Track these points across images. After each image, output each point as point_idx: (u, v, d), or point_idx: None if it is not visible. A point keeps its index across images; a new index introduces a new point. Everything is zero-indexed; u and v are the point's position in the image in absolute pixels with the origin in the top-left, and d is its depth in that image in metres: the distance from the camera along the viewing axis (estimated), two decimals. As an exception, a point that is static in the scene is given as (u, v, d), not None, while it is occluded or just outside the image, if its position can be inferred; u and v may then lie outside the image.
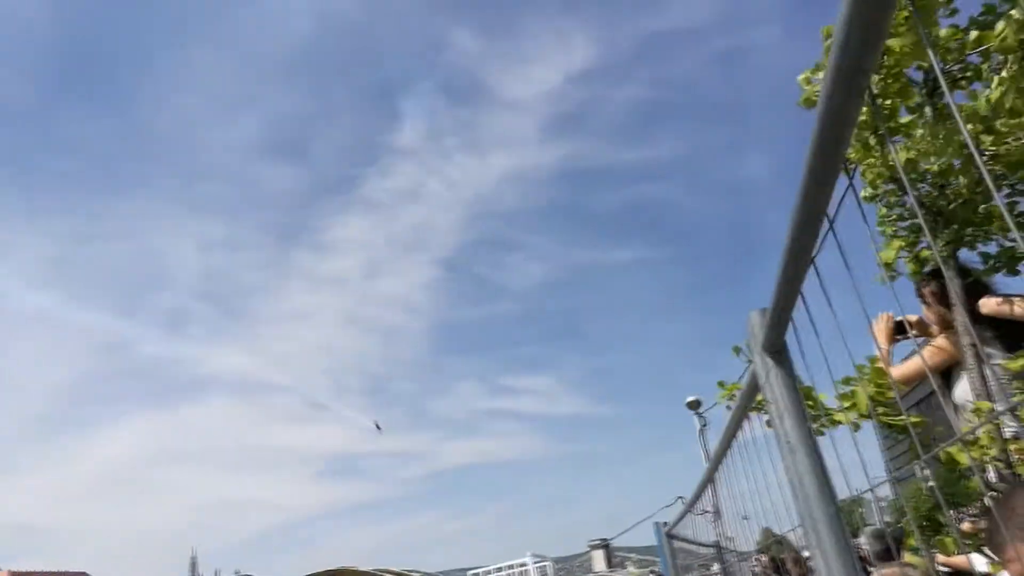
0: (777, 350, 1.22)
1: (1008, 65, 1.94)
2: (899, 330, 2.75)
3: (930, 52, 2.07)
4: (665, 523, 4.15)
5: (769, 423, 1.41)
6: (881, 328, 2.75)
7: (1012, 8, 1.99)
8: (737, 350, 2.48)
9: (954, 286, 2.29)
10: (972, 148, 2.12)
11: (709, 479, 2.53)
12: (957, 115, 0.65)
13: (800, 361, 1.26)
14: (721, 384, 2.37)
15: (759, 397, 1.43)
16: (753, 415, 1.99)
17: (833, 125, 0.64)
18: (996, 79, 1.97)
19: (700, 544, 5.69)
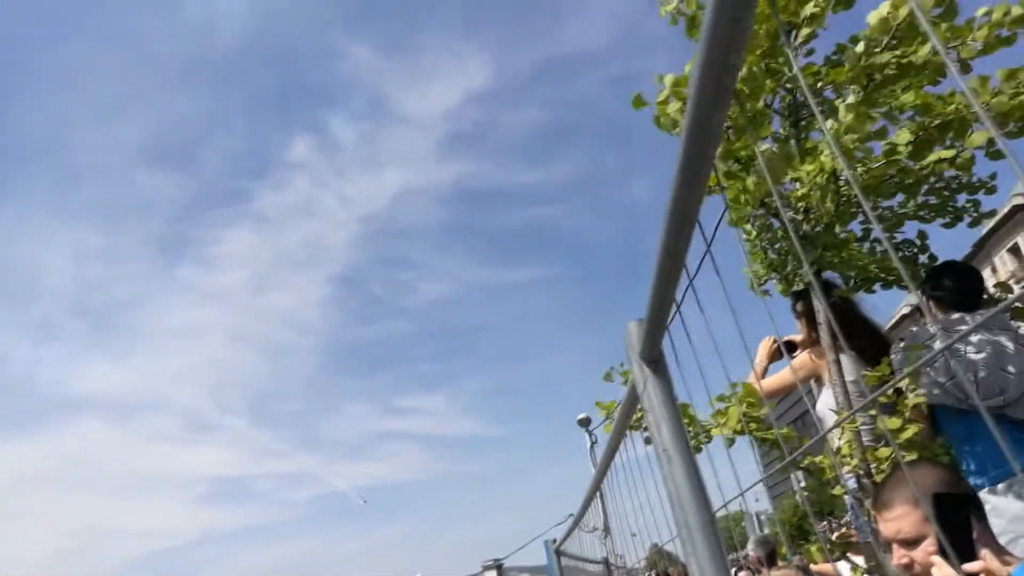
0: (654, 359, 1.24)
1: (855, 91, 2.10)
2: (789, 348, 2.89)
3: (800, 78, 2.21)
4: (554, 540, 4.16)
5: (648, 440, 1.44)
6: (765, 345, 2.90)
7: (859, 45, 2.18)
8: (608, 376, 2.53)
9: (819, 304, 2.45)
10: (847, 168, 2.27)
11: (593, 494, 2.55)
12: (830, 137, 0.68)
13: (678, 374, 1.29)
14: (599, 404, 2.41)
15: (640, 412, 1.45)
16: (636, 434, 2.03)
17: (700, 127, 0.65)
18: (843, 106, 2.13)
19: (588, 561, 5.75)
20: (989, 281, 2.63)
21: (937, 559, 1.33)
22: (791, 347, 2.88)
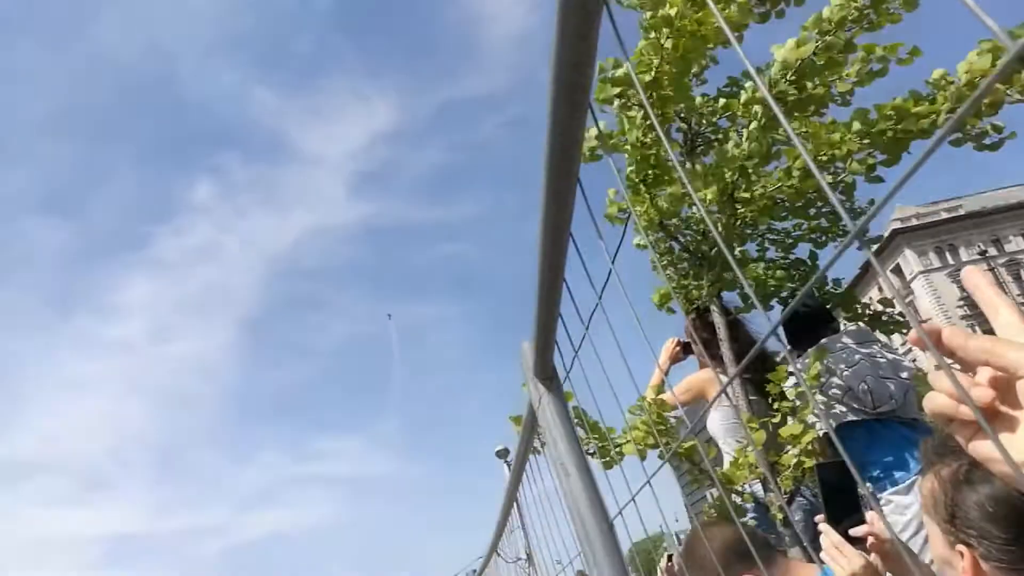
0: (548, 376, 1.26)
1: (757, 119, 2.23)
2: (685, 350, 2.99)
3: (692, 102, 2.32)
4: (474, 571, 4.11)
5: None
6: (667, 348, 2.98)
7: (748, 81, 2.32)
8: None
9: (718, 321, 2.55)
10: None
11: (504, 521, 2.55)
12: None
13: (588, 393, 1.31)
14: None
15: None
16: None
17: (562, 141, 0.68)
18: (746, 131, 2.26)
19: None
20: (876, 299, 2.82)
21: (824, 526, 1.39)
22: (687, 349, 2.98)
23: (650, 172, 2.32)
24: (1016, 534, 0.93)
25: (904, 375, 2.45)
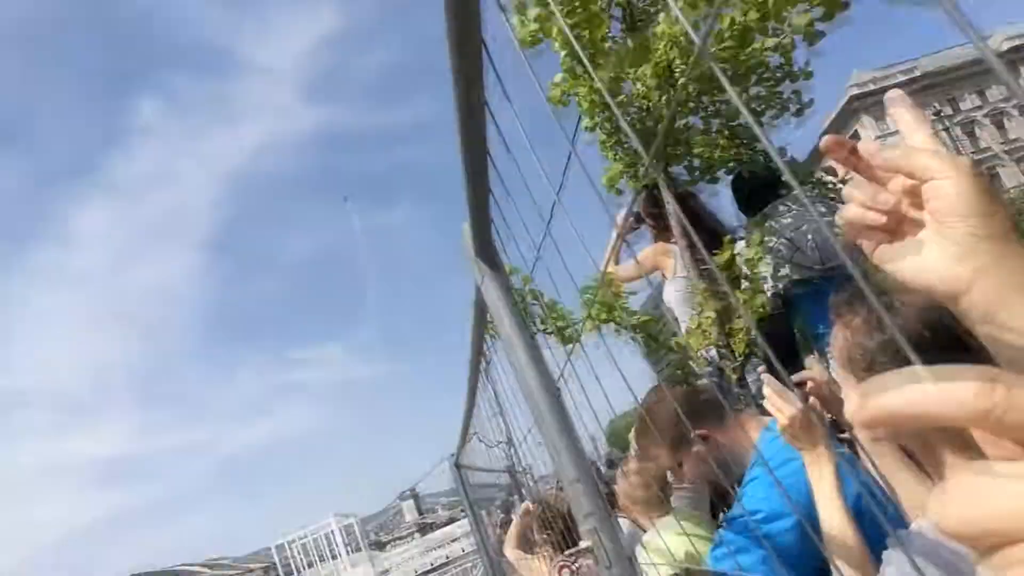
0: (488, 255, 1.29)
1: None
2: (638, 220, 3.04)
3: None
4: (452, 454, 4.31)
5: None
6: (620, 219, 3.04)
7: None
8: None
9: (666, 196, 2.60)
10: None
11: (471, 399, 2.66)
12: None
13: (547, 278, 1.34)
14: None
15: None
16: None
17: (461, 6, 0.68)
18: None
19: (491, 471, 5.97)
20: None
21: (766, 376, 1.47)
22: (640, 219, 3.03)
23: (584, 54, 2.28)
24: None
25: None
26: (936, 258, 0.52)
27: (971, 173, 0.51)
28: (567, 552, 3.31)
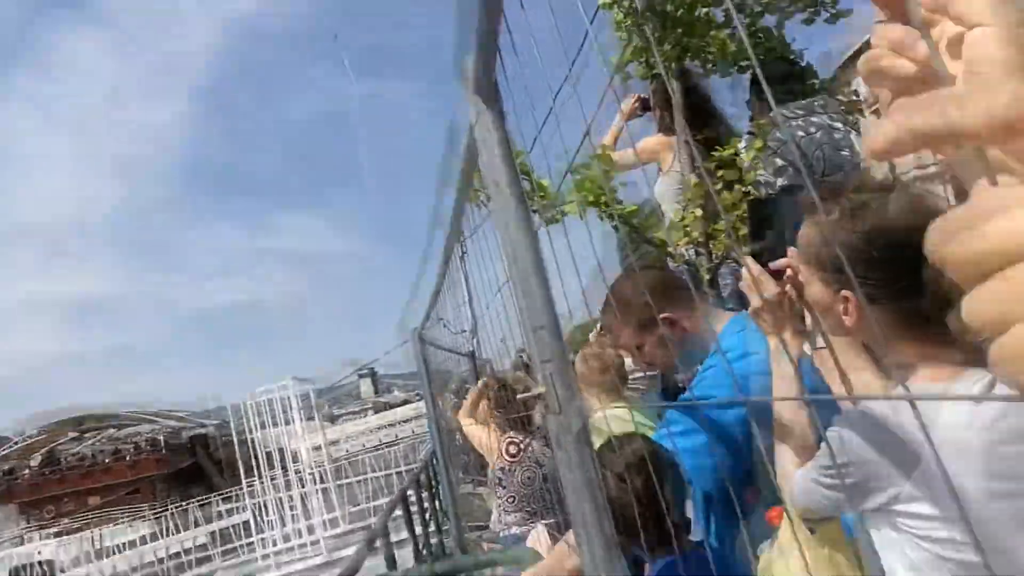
0: (490, 96, 1.23)
1: None
2: (644, 107, 2.96)
3: None
4: (415, 328, 4.34)
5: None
6: (626, 102, 2.96)
7: None
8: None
9: (674, 87, 2.52)
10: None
11: (441, 279, 2.65)
12: None
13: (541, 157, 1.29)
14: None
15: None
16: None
17: None
18: None
19: (454, 352, 6.07)
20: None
21: (747, 259, 1.47)
22: (646, 106, 2.96)
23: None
24: (896, 270, 0.96)
25: (860, 152, 2.47)
26: None
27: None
28: (516, 433, 3.42)
